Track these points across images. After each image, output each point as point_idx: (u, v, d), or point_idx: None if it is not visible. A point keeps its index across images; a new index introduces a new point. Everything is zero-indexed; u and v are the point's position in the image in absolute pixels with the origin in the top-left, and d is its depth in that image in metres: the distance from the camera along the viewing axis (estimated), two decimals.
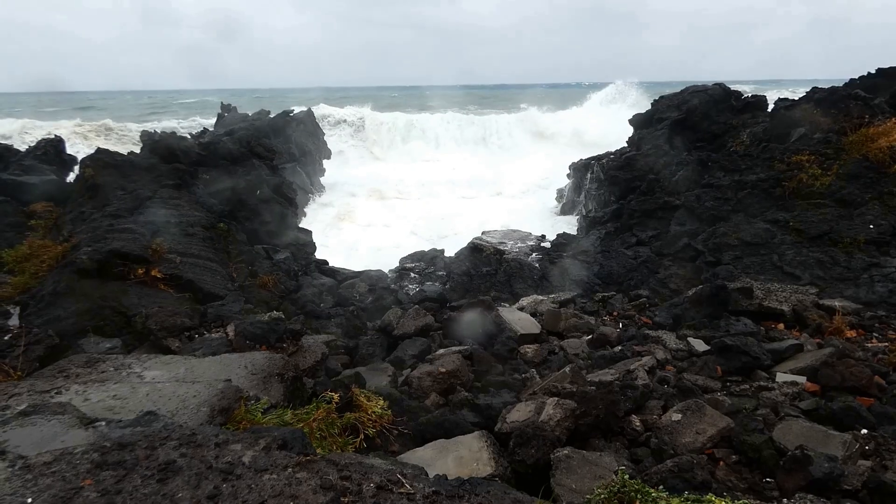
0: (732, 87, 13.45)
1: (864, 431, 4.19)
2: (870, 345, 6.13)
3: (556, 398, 4.24)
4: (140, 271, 5.82)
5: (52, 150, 12.12)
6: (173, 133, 10.99)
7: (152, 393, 2.57)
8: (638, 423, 4.34)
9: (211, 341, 3.96)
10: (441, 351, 5.84)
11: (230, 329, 4.09)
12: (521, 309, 7.49)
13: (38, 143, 12.50)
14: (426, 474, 2.12)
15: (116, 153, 10.16)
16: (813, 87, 14.05)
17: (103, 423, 2.01)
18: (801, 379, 5.29)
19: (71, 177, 11.45)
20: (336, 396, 3.30)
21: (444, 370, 5.27)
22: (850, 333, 6.39)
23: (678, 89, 14.39)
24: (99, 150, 10.06)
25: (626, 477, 2.31)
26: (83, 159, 10.17)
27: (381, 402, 4.09)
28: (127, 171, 9.42)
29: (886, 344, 6.12)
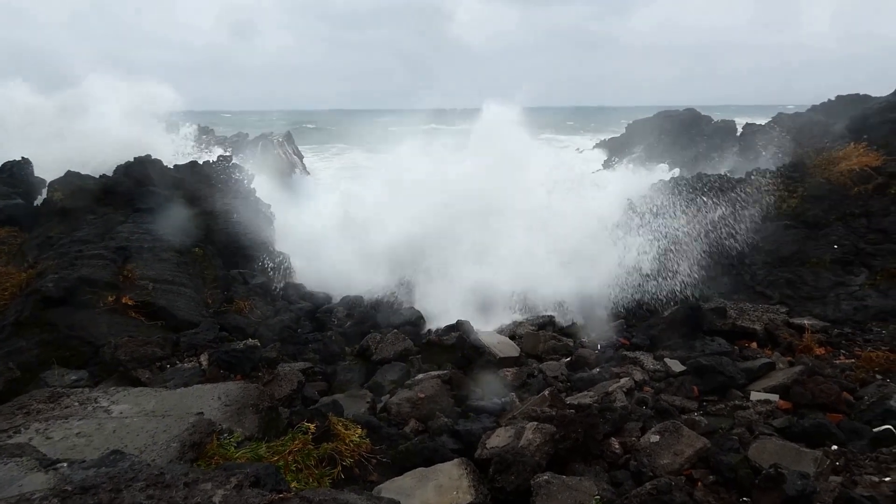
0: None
1: (835, 447, 4.28)
2: (838, 361, 6.29)
3: (536, 423, 4.22)
4: (110, 299, 5.66)
5: (18, 172, 11.79)
6: (148, 156, 10.79)
7: (120, 429, 2.47)
8: (617, 446, 4.35)
9: (183, 371, 3.85)
10: (420, 376, 5.78)
11: (204, 358, 4.00)
12: (500, 331, 7.49)
13: (3, 165, 12.13)
14: None
15: (88, 176, 9.94)
16: (779, 113, 14.65)
17: (65, 464, 1.93)
18: (774, 397, 5.39)
19: (39, 200, 11.13)
20: (312, 426, 3.23)
21: (423, 395, 5.22)
22: (820, 351, 6.55)
23: (650, 114, 14.85)
24: (69, 174, 9.84)
25: None
26: (51, 182, 9.91)
27: (360, 431, 4.02)
28: (98, 194, 9.23)
29: (853, 360, 6.28)
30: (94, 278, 5.81)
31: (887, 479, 3.70)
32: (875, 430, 4.56)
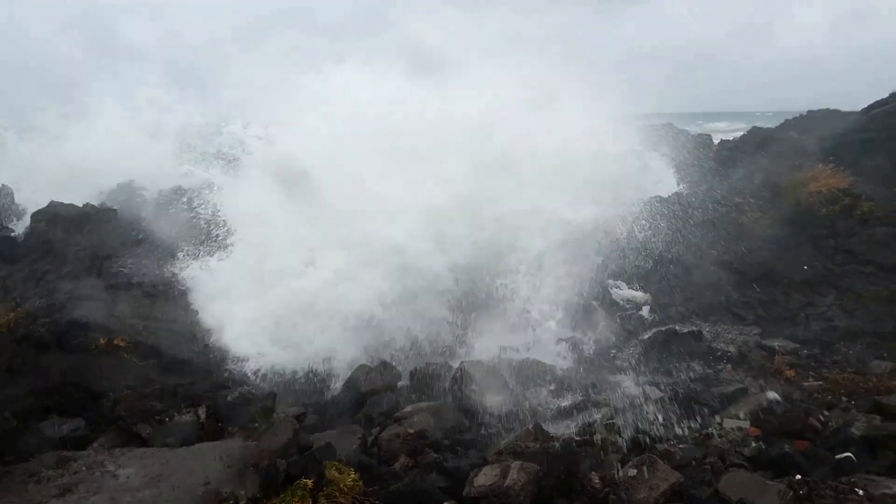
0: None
1: (798, 476, 4.55)
2: (806, 384, 6.62)
3: (520, 462, 4.43)
4: (102, 341, 5.74)
5: None
6: (131, 181, 10.83)
7: None
8: (597, 480, 4.57)
9: (183, 426, 3.99)
10: (409, 408, 5.96)
11: (202, 411, 4.14)
12: (487, 359, 7.67)
13: None
14: None
15: (71, 206, 9.93)
16: (753, 126, 15.11)
17: None
18: (746, 423, 5.69)
19: (20, 226, 11.03)
20: (310, 482, 3.41)
21: (411, 431, 5.40)
22: (790, 373, 6.88)
23: None
24: (52, 204, 9.82)
25: None
26: (34, 213, 9.89)
27: (353, 475, 4.19)
28: (83, 225, 9.25)
29: (821, 382, 6.62)
30: (85, 321, 5.90)
31: None
32: (837, 457, 4.86)
